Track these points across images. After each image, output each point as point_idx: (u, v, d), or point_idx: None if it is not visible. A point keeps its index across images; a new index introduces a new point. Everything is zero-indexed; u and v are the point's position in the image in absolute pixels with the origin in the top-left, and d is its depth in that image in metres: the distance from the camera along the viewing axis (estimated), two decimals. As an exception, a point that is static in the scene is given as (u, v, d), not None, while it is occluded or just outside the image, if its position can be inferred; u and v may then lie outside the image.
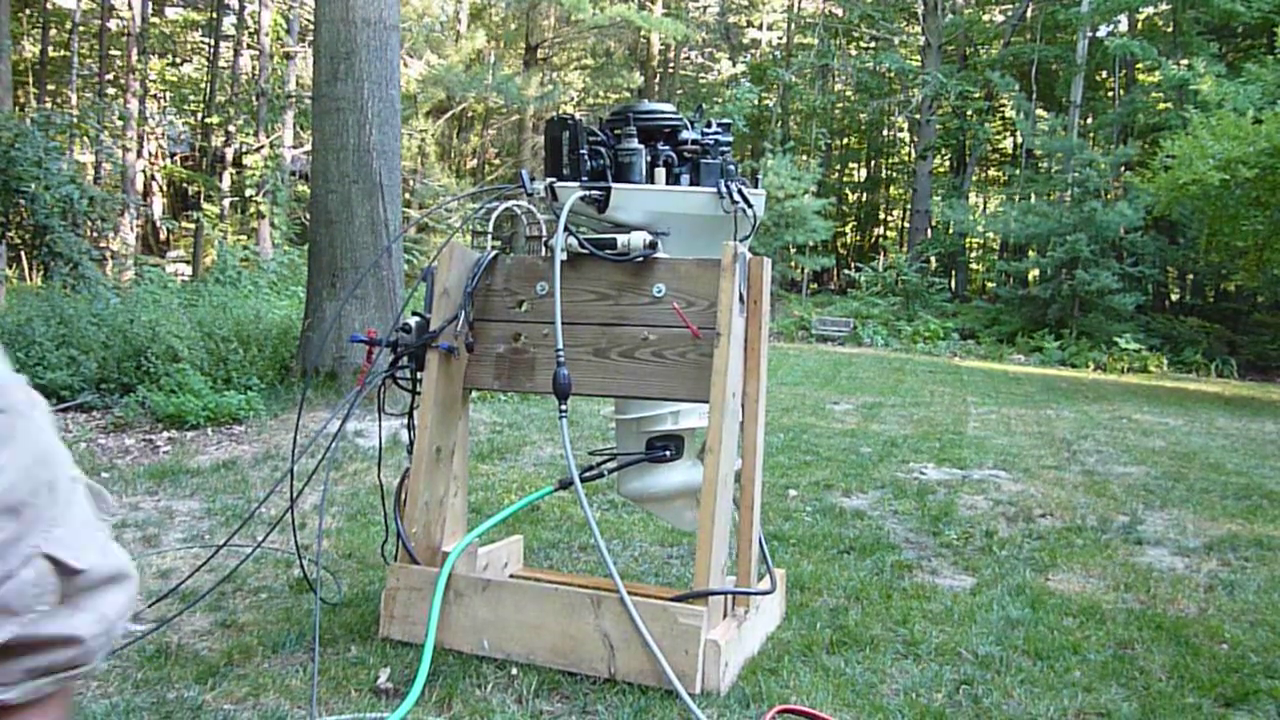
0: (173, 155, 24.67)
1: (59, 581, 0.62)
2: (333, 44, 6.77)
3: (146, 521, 3.95)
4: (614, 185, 2.66)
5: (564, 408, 2.61)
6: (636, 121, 2.71)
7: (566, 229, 2.66)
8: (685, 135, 2.77)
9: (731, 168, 2.80)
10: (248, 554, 3.21)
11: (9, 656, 0.61)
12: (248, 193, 19.59)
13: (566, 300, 2.69)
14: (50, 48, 23.75)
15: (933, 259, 24.32)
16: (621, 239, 2.67)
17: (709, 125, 2.85)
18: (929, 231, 26.04)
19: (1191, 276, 24.46)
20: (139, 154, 21.36)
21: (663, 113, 2.83)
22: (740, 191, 2.71)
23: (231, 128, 22.02)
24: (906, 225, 29.84)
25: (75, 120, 15.87)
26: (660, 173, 2.74)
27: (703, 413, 2.80)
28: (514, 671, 2.57)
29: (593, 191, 2.65)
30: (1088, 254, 19.38)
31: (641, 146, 2.70)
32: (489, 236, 3.16)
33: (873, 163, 34.55)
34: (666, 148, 2.74)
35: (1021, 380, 13.42)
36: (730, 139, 2.86)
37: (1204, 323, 21.33)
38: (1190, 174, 12.49)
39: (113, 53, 23.08)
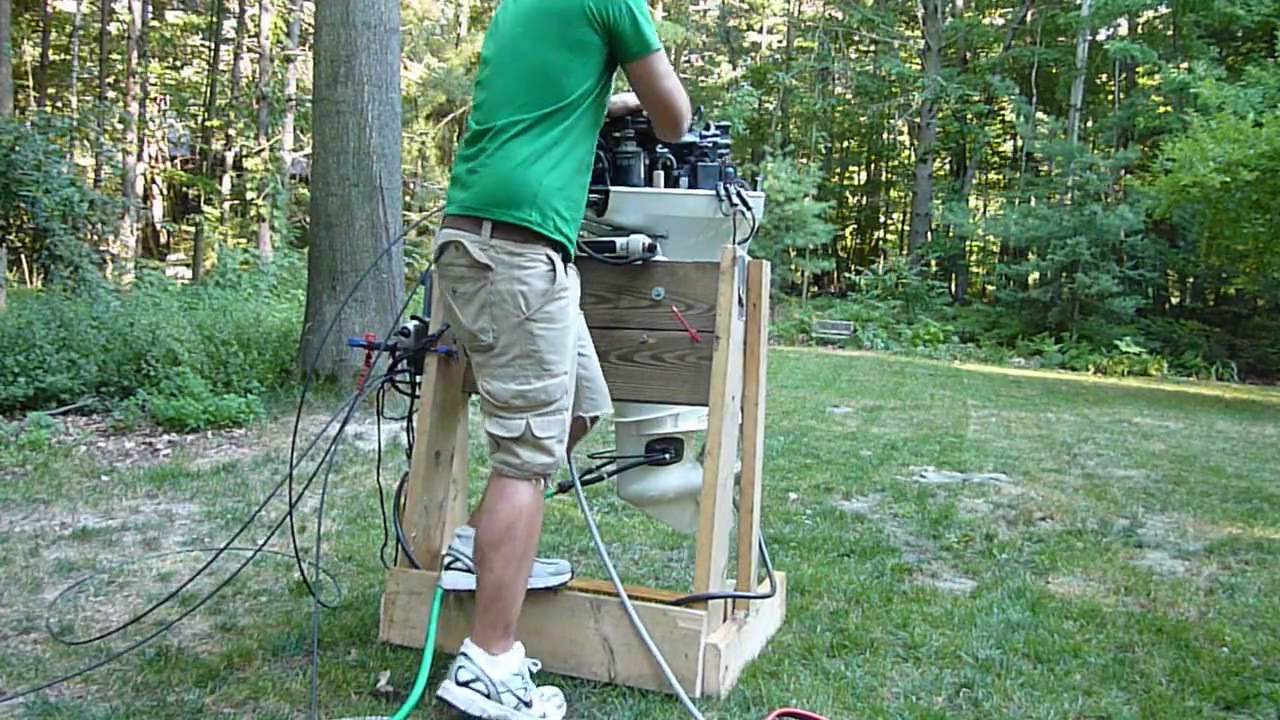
0: (173, 158, 24.73)
1: None
2: (333, 47, 6.78)
3: (146, 525, 3.95)
4: (612, 188, 2.66)
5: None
6: (634, 124, 2.71)
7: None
8: (684, 137, 2.77)
9: (730, 170, 2.79)
10: (248, 558, 3.21)
11: None
12: (248, 196, 19.60)
13: (566, 303, 2.68)
14: (50, 51, 23.79)
15: (933, 262, 24.31)
16: (620, 242, 2.67)
17: (707, 128, 2.85)
18: (929, 235, 26.03)
19: (1192, 280, 24.44)
20: (139, 157, 21.40)
21: None
22: (739, 194, 2.70)
23: (231, 131, 22.06)
24: (906, 228, 29.87)
25: (75, 123, 15.89)
26: (659, 175, 2.74)
27: (702, 416, 2.80)
28: (513, 675, 2.57)
29: (591, 194, 2.65)
30: (1088, 257, 19.38)
31: (640, 149, 2.70)
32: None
33: (873, 166, 34.56)
34: (665, 150, 2.74)
35: (1022, 383, 13.42)
36: (729, 141, 2.86)
37: (1204, 326, 21.32)
38: (1190, 177, 12.49)
39: (113, 56, 23.12)
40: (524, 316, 2.29)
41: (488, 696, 2.28)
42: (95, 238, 13.93)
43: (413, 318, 2.89)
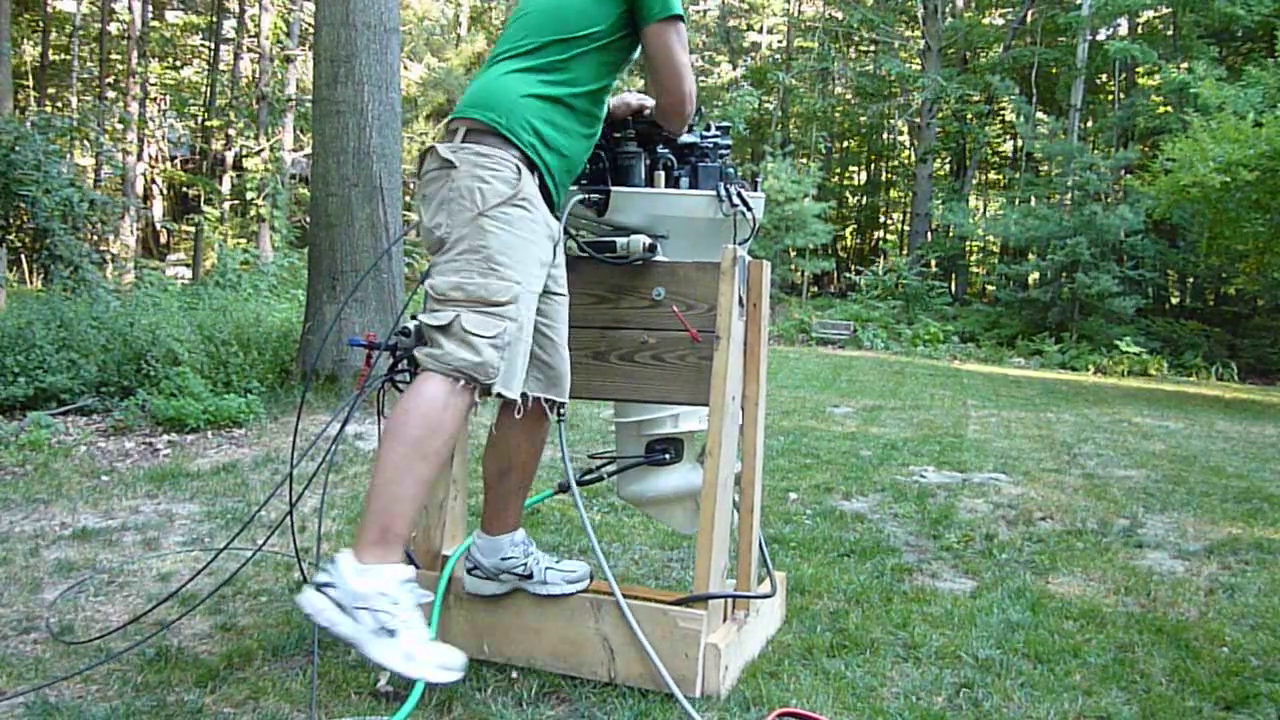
0: (173, 158, 24.73)
1: None
2: (333, 47, 6.78)
3: (146, 525, 3.95)
4: (613, 188, 2.66)
5: (563, 412, 2.61)
6: (635, 125, 2.71)
7: (566, 231, 2.67)
8: (685, 138, 2.77)
9: (730, 170, 2.80)
10: (248, 558, 3.21)
11: None
12: (248, 196, 19.61)
13: (566, 303, 2.68)
14: (50, 51, 23.79)
15: (933, 262, 24.31)
16: (621, 242, 2.67)
17: (708, 128, 2.85)
18: (929, 235, 26.03)
19: (1192, 280, 24.44)
20: (139, 157, 21.40)
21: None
22: (739, 194, 2.70)
23: (231, 131, 22.07)
24: (906, 228, 29.86)
25: (75, 123, 15.88)
26: (660, 176, 2.73)
27: (702, 416, 2.80)
28: (514, 675, 2.58)
29: (591, 194, 2.65)
30: (1088, 257, 19.37)
31: (641, 149, 2.70)
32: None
33: (873, 166, 34.56)
34: (666, 150, 2.74)
35: (1021, 383, 13.42)
36: (729, 142, 2.86)
37: (1204, 326, 21.32)
38: (1190, 177, 12.49)
39: (113, 56, 23.13)
40: (478, 211, 2.22)
41: (340, 608, 2.00)
42: (95, 238, 13.93)
43: (413, 317, 2.89)
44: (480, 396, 2.19)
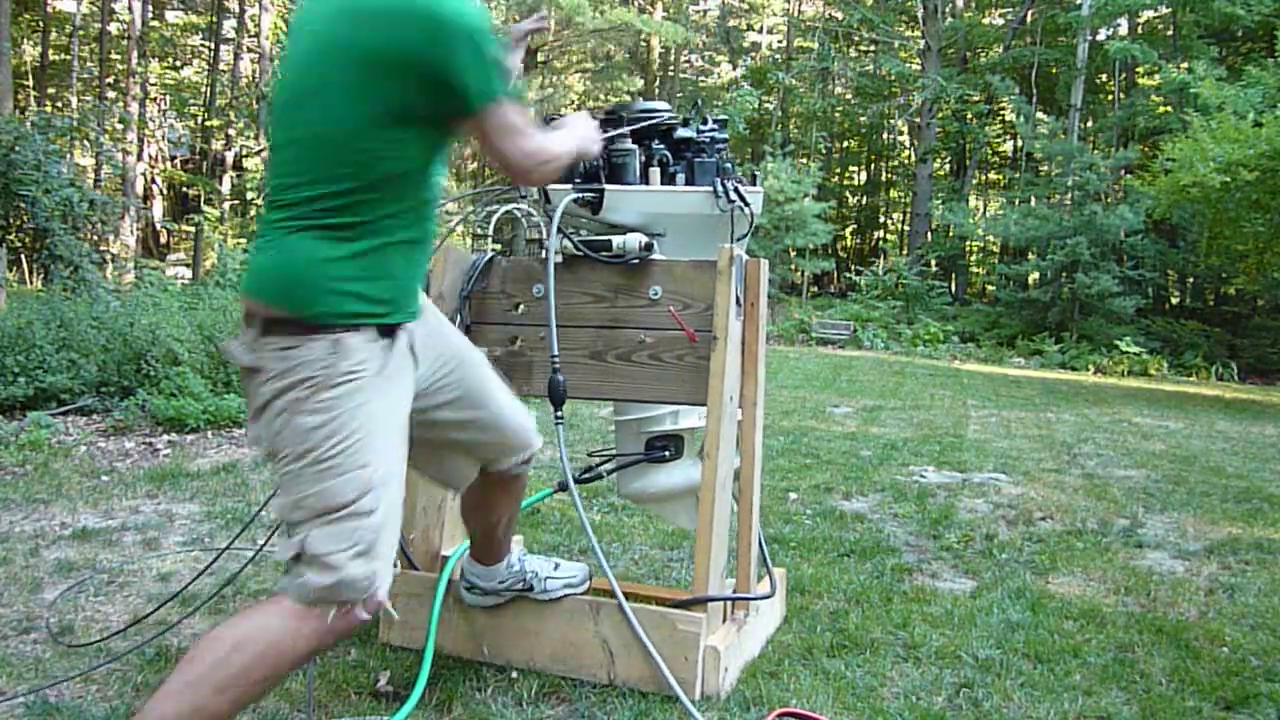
0: (173, 158, 24.75)
1: None
2: (333, 47, 6.77)
3: (146, 525, 3.95)
4: (607, 187, 2.65)
5: (559, 414, 2.61)
6: (629, 121, 2.70)
7: (562, 231, 2.66)
8: (681, 133, 2.76)
9: (728, 166, 2.78)
10: (249, 558, 3.20)
11: None
12: (248, 196, 19.62)
13: (562, 303, 2.68)
14: (50, 51, 23.80)
15: (933, 262, 24.31)
16: (617, 240, 2.66)
17: (705, 122, 2.83)
18: (929, 235, 26.03)
19: (1192, 280, 24.45)
20: (139, 157, 21.41)
21: (656, 111, 2.81)
22: (737, 190, 2.69)
23: (231, 131, 22.08)
24: (906, 228, 29.86)
25: (75, 123, 15.89)
26: (655, 172, 2.72)
27: (702, 413, 2.79)
28: (514, 675, 2.57)
29: (585, 193, 2.64)
30: (1088, 257, 19.37)
31: (635, 146, 2.69)
32: (489, 239, 3.17)
33: (873, 166, 34.56)
34: (661, 146, 2.73)
35: (1021, 383, 13.41)
36: (726, 136, 2.84)
37: (1204, 326, 21.32)
38: (1190, 177, 12.49)
39: (113, 56, 23.15)
40: (291, 412, 1.87)
41: None
42: (95, 238, 13.93)
43: None
44: (355, 610, 1.87)
